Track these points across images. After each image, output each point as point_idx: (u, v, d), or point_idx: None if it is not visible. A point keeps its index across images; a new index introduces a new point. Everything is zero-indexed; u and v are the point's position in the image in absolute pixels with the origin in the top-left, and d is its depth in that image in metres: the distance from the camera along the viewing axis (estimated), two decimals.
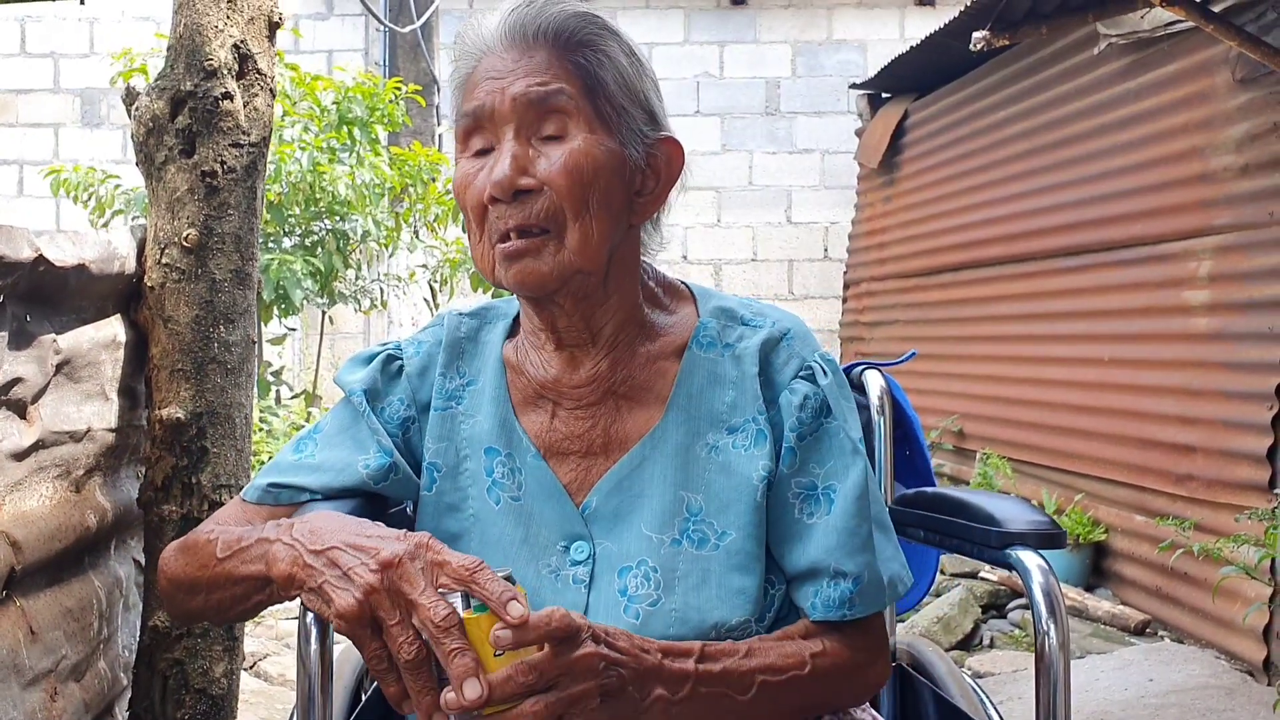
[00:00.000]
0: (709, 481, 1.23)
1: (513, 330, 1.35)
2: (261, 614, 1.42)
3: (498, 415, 1.29)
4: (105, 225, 5.65)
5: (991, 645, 4.51)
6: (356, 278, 5.83)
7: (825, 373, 1.27)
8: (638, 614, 1.20)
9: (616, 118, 1.20)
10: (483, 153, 1.21)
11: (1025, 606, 4.73)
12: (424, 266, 6.16)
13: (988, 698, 1.64)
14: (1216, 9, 3.90)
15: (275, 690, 3.33)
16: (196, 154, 2.05)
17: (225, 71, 2.04)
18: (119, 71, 5.41)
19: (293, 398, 6.35)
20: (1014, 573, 1.36)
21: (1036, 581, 1.32)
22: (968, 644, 4.53)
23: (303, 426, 6.18)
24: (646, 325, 1.29)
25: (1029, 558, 1.35)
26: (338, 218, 5.43)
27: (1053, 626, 1.30)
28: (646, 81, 1.25)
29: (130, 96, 2.11)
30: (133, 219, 5.55)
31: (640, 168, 1.23)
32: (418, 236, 6.03)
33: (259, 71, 2.09)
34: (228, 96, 2.05)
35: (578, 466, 1.27)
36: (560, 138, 1.18)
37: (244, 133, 2.07)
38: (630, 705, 1.06)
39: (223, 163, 2.05)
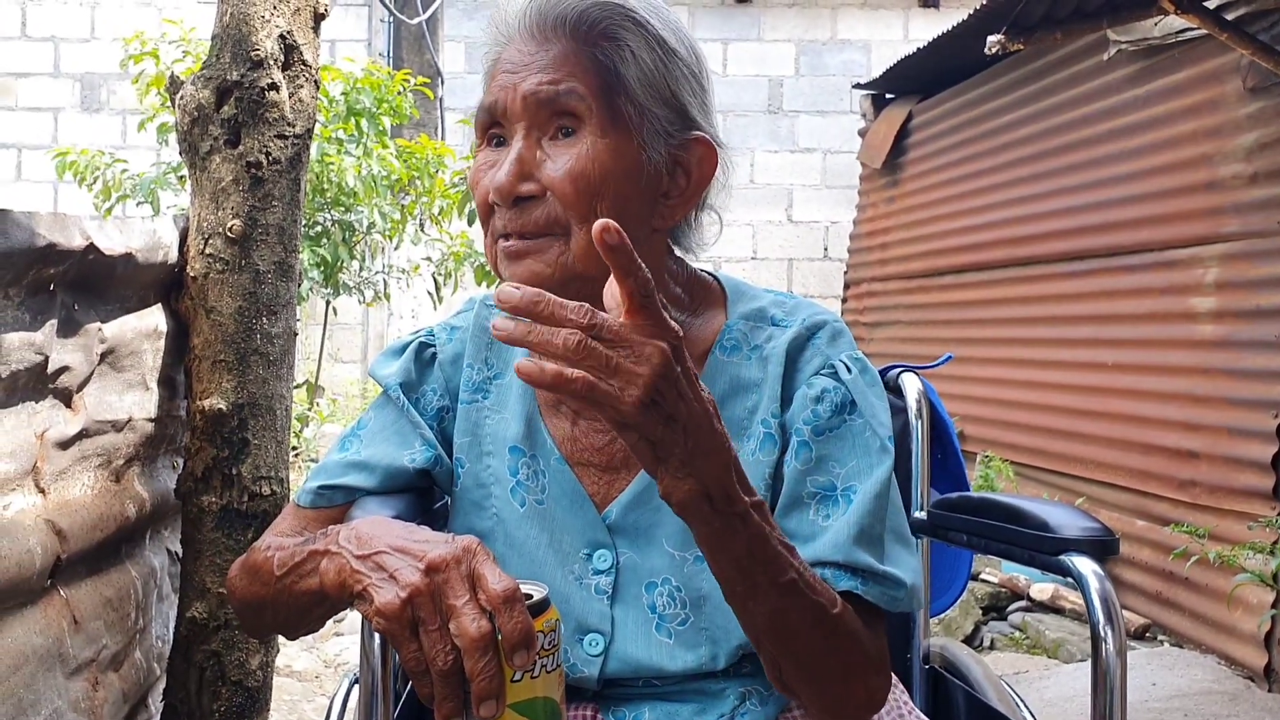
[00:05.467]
0: None
1: None
2: None
3: (524, 414, 1.28)
4: (110, 210, 5.62)
5: (992, 647, 4.55)
6: (361, 269, 5.82)
7: (850, 369, 1.23)
8: (670, 633, 1.20)
9: (637, 118, 1.14)
10: (501, 143, 1.17)
11: (1026, 609, 4.76)
12: (428, 259, 6.14)
13: (1023, 701, 1.65)
14: (1230, 17, 3.92)
15: (303, 686, 3.34)
16: (242, 144, 2.05)
17: (271, 62, 2.04)
18: (130, 54, 5.37)
19: (295, 388, 6.34)
20: (1066, 579, 1.37)
21: (1094, 588, 1.31)
22: (968, 646, 4.56)
23: (306, 416, 6.17)
24: None
25: (1084, 564, 1.35)
26: (343, 208, 5.42)
27: (1110, 633, 1.30)
28: (679, 76, 1.17)
29: (174, 85, 2.11)
30: (137, 203, 5.53)
31: (664, 170, 1.17)
32: (422, 229, 6.02)
33: (304, 62, 2.09)
34: (274, 87, 2.04)
35: (599, 479, 1.25)
36: (572, 139, 1.13)
37: (289, 124, 2.07)
38: (673, 474, 0.96)
39: (268, 154, 2.05)
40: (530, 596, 0.97)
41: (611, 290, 0.95)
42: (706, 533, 1.00)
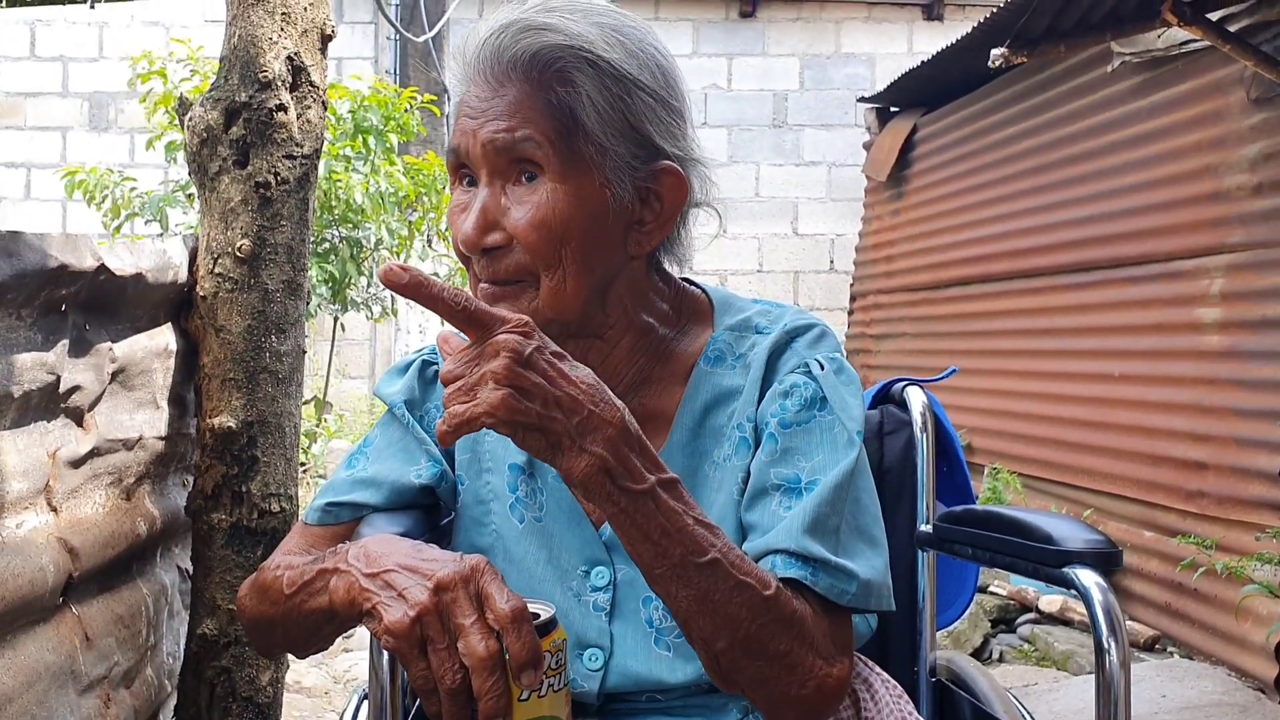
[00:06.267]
0: (710, 502, 1.20)
1: None
2: None
3: None
4: (119, 228, 5.66)
5: (1001, 659, 4.54)
6: (369, 285, 5.85)
7: (823, 367, 1.22)
8: (669, 646, 1.20)
9: (599, 157, 1.13)
10: (473, 182, 1.17)
11: (1035, 621, 4.76)
12: (435, 274, 6.17)
13: (1031, 714, 1.64)
14: (1233, 28, 3.94)
15: (313, 702, 3.35)
16: (250, 165, 2.07)
17: (279, 83, 2.06)
18: (138, 74, 5.42)
19: (303, 404, 6.36)
20: (1071, 591, 1.37)
21: (1097, 600, 1.31)
22: (977, 658, 4.55)
23: (314, 433, 6.19)
24: (659, 350, 1.26)
25: (1087, 576, 1.35)
26: (351, 225, 5.45)
27: (1114, 645, 1.30)
28: (641, 109, 1.15)
29: (183, 106, 2.13)
30: (146, 221, 5.57)
31: (633, 201, 1.16)
32: (430, 245, 6.05)
33: (311, 84, 2.11)
34: (282, 108, 2.07)
35: None
36: (533, 185, 1.13)
37: (297, 144, 2.09)
38: (566, 454, 0.98)
39: (276, 174, 2.07)
40: (537, 616, 0.98)
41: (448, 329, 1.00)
42: (615, 512, 1.00)
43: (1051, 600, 4.74)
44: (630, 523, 1.01)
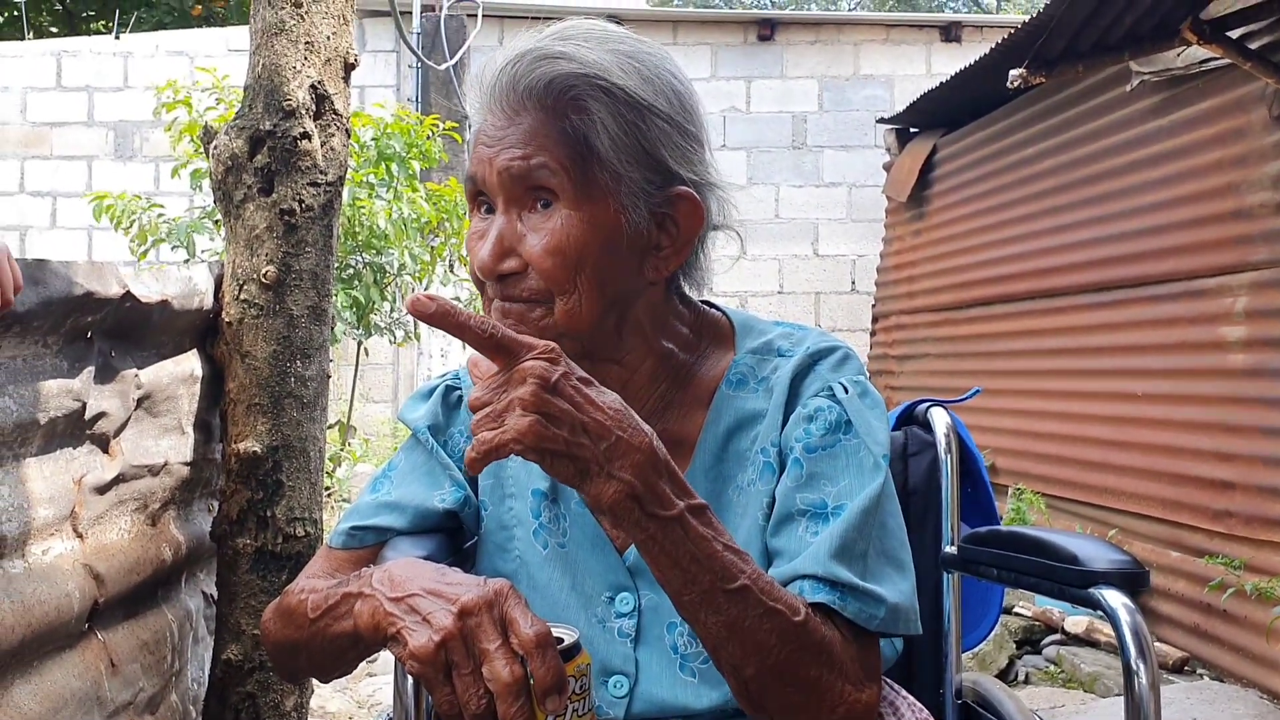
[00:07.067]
0: (735, 528, 1.19)
1: None
2: None
3: None
4: (145, 253, 5.71)
5: (1027, 681, 4.50)
6: (391, 310, 5.88)
7: (847, 390, 1.21)
8: (694, 672, 1.19)
9: (613, 183, 1.13)
10: (490, 209, 1.18)
11: (1060, 642, 4.71)
12: (457, 299, 6.20)
13: None
14: (1253, 46, 3.93)
15: None
16: (275, 192, 2.09)
17: (303, 112, 2.08)
18: (162, 103, 5.47)
19: (328, 428, 6.39)
20: (1098, 612, 1.36)
21: (1124, 621, 1.30)
22: (1002, 680, 4.51)
23: (338, 456, 6.21)
24: (680, 375, 1.26)
25: (1114, 597, 1.33)
26: (375, 251, 5.48)
27: (1143, 667, 1.28)
28: (656, 135, 1.16)
29: (208, 135, 2.16)
30: (172, 248, 5.61)
31: (647, 228, 1.17)
32: (452, 270, 6.08)
33: (335, 112, 2.14)
34: (306, 136, 2.09)
35: None
36: (548, 212, 1.13)
37: (321, 172, 2.11)
38: (595, 480, 0.98)
39: (301, 201, 2.09)
40: (561, 640, 0.98)
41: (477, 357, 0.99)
42: (643, 539, 1.01)
43: (1077, 621, 4.69)
44: (659, 549, 1.01)
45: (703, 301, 1.34)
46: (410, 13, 8.34)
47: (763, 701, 1.07)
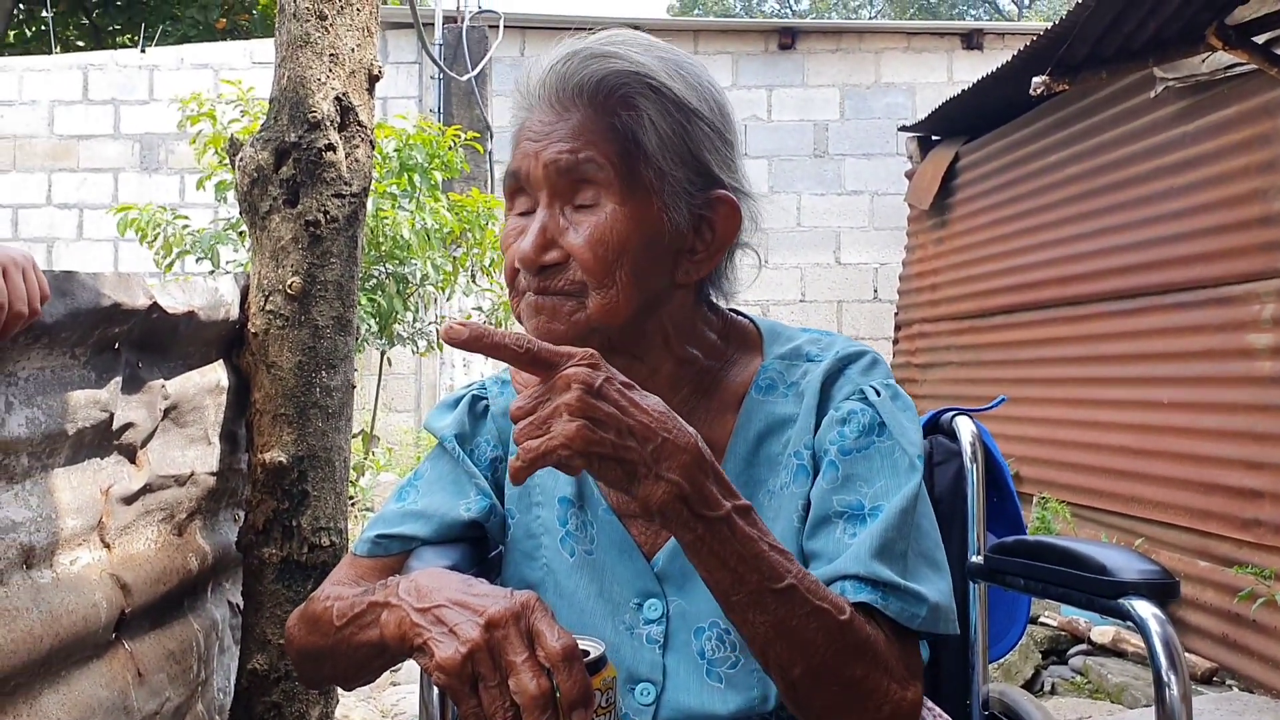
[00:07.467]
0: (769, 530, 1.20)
1: None
2: None
3: None
4: (170, 265, 5.74)
5: (1053, 692, 4.46)
6: (414, 320, 5.90)
7: (879, 393, 1.22)
8: (721, 678, 1.19)
9: (658, 181, 1.16)
10: (527, 212, 1.19)
11: (1087, 653, 4.68)
12: (479, 309, 6.22)
13: None
14: (1279, 51, 3.90)
15: None
16: (300, 204, 2.10)
17: (328, 123, 2.09)
18: (187, 115, 5.51)
19: (352, 438, 6.42)
20: (1126, 622, 1.35)
21: (1155, 632, 1.29)
22: (1028, 690, 4.48)
23: (362, 466, 6.24)
24: (703, 382, 1.27)
25: (1144, 607, 1.32)
26: (398, 261, 5.50)
27: (1174, 678, 1.27)
28: (700, 137, 1.19)
29: (234, 147, 2.17)
30: (197, 259, 5.65)
31: (687, 228, 1.19)
32: (474, 280, 6.10)
33: (360, 123, 2.15)
34: (330, 148, 2.10)
35: (647, 527, 1.25)
36: (592, 206, 1.15)
37: (346, 183, 2.12)
38: (644, 482, 0.99)
39: (325, 212, 2.10)
40: (587, 653, 0.98)
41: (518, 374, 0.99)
42: (691, 539, 1.01)
43: (1104, 631, 4.66)
44: (707, 550, 1.02)
45: (729, 310, 1.34)
46: (432, 24, 8.38)
47: (810, 701, 1.08)
